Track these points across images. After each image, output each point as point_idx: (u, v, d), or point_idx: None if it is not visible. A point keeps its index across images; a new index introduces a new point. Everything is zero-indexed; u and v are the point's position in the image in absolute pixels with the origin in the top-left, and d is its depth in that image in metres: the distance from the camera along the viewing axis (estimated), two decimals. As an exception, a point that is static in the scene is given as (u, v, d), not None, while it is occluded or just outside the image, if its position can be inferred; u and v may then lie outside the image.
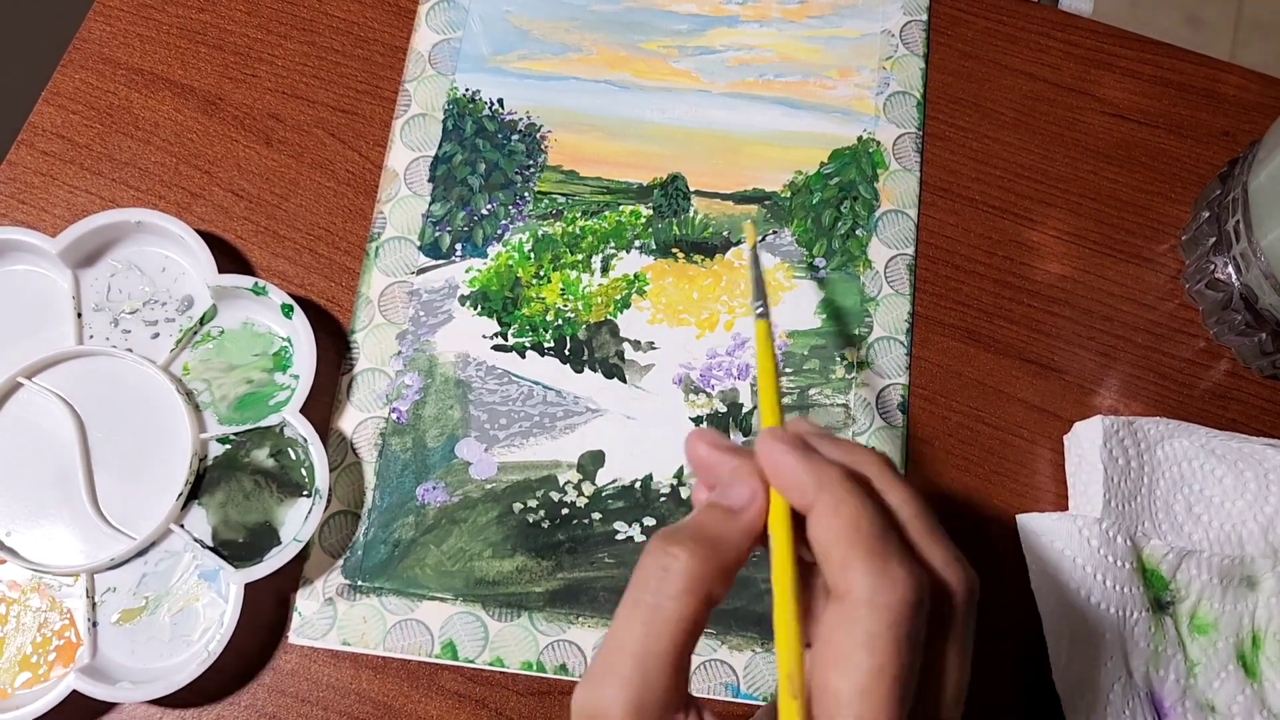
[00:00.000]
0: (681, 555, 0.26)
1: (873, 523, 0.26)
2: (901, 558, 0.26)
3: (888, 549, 0.26)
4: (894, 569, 0.25)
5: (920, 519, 0.28)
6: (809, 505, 0.27)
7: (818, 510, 0.27)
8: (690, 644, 0.26)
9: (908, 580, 0.25)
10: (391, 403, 0.45)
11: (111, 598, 0.41)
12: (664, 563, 0.26)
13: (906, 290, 0.48)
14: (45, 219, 0.47)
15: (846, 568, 0.26)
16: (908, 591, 0.25)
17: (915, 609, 0.25)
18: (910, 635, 0.25)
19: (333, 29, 0.51)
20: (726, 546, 0.27)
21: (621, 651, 0.26)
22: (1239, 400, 0.47)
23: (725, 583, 0.27)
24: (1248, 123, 0.51)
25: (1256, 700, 0.41)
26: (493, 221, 0.48)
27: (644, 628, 0.26)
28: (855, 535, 0.26)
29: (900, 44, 0.51)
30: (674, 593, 0.26)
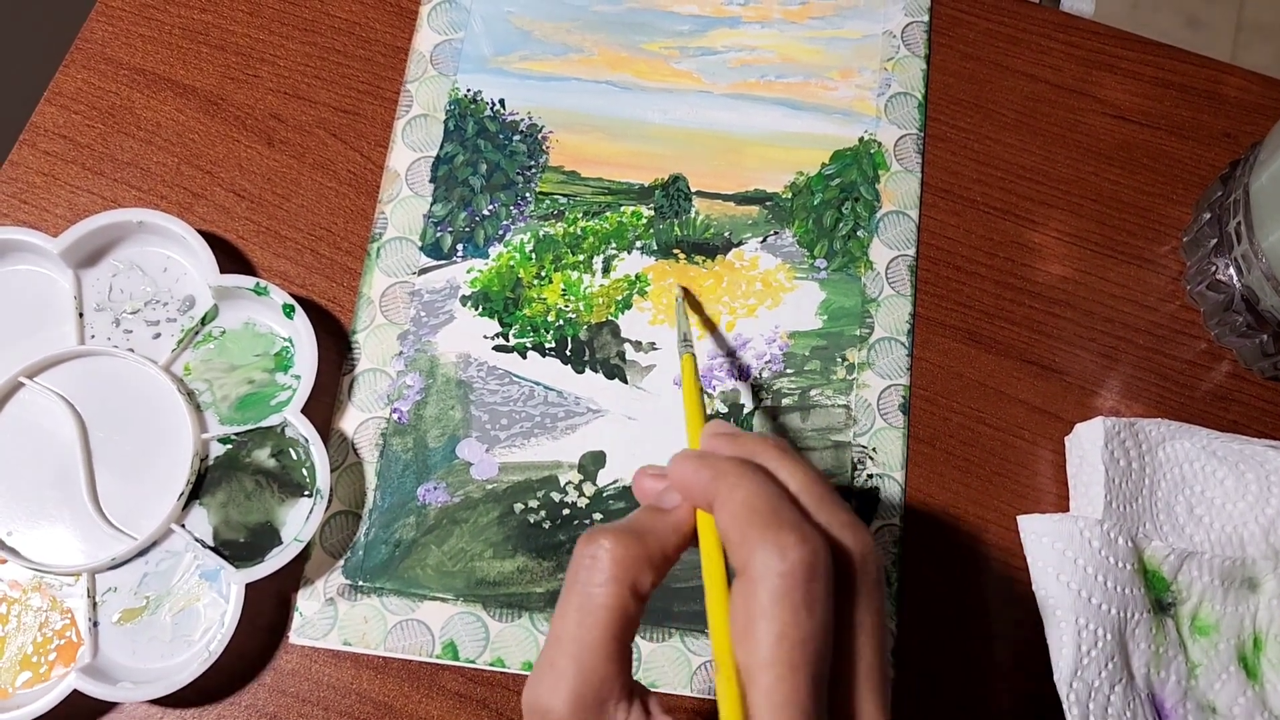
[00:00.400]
0: (606, 543, 0.28)
1: (765, 499, 0.27)
2: (794, 526, 0.26)
3: (780, 521, 0.26)
4: (785, 537, 0.26)
5: (811, 488, 0.29)
6: (711, 501, 0.28)
7: (718, 502, 0.28)
8: (625, 632, 0.27)
9: (799, 546, 0.26)
10: (393, 403, 0.45)
11: (112, 597, 0.41)
12: (590, 551, 0.28)
13: (908, 291, 0.48)
14: (47, 219, 0.47)
15: (743, 544, 0.26)
16: (800, 555, 0.26)
17: (810, 572, 0.26)
18: (807, 599, 0.25)
19: (334, 29, 0.51)
20: (652, 539, 0.28)
21: (558, 643, 0.27)
22: (1240, 402, 0.47)
23: (654, 572, 0.28)
24: (1249, 124, 0.51)
25: (1258, 702, 0.41)
26: (494, 222, 0.48)
27: (576, 617, 0.27)
28: (749, 514, 0.27)
29: (902, 45, 0.51)
30: (602, 580, 0.27)
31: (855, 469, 0.45)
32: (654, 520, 0.29)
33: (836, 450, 0.45)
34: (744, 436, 0.31)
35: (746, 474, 0.28)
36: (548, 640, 0.28)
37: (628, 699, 0.27)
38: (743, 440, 0.31)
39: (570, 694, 0.26)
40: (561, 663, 0.27)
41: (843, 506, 0.29)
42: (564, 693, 0.26)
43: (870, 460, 0.45)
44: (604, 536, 0.28)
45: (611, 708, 0.27)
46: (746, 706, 0.25)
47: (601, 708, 0.26)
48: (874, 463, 0.45)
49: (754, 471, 0.28)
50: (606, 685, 0.27)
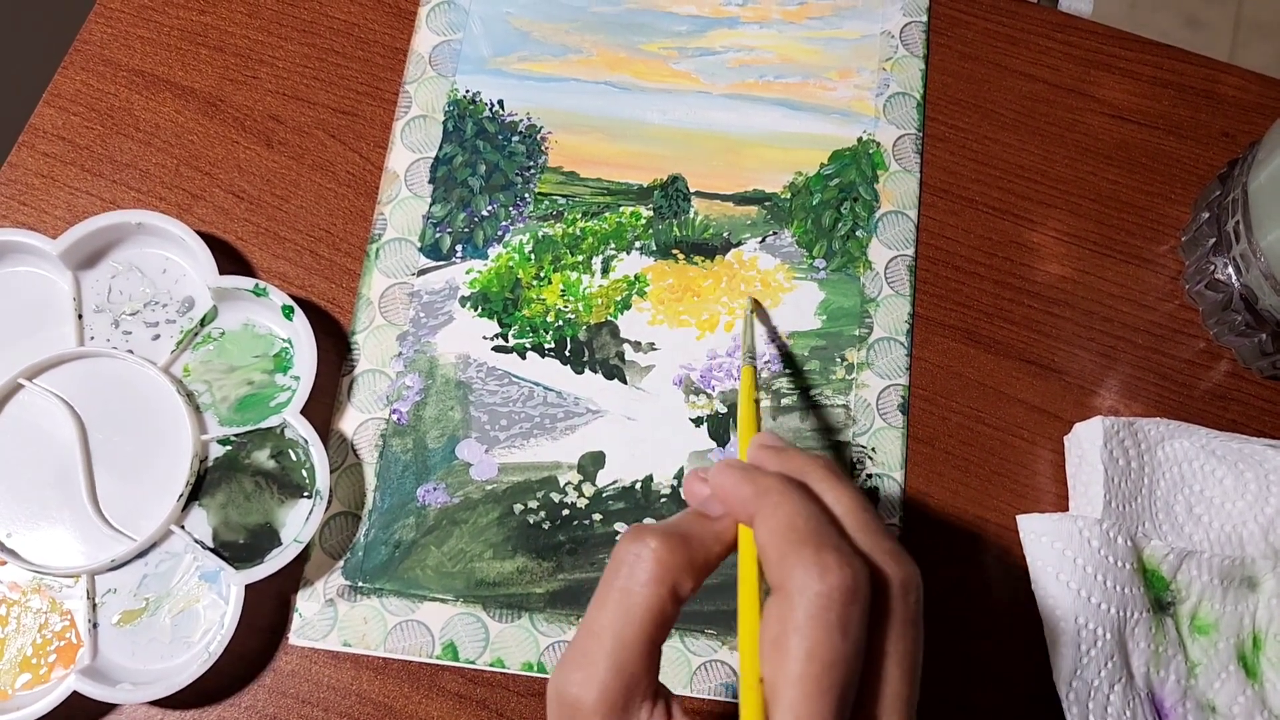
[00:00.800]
0: (652, 543, 0.27)
1: (808, 519, 0.27)
2: (835, 548, 0.26)
3: (822, 541, 0.26)
4: (826, 558, 0.26)
5: (857, 513, 0.29)
6: (752, 516, 0.28)
7: (759, 517, 0.28)
8: (660, 633, 0.27)
9: (840, 569, 0.26)
10: (392, 404, 0.45)
11: (112, 599, 0.41)
12: (635, 550, 0.28)
13: (907, 291, 0.48)
14: (46, 220, 0.47)
15: (782, 562, 0.26)
16: (840, 579, 0.26)
17: (848, 596, 0.26)
18: (842, 621, 0.25)
19: (333, 31, 0.51)
20: (697, 544, 0.28)
21: (594, 637, 0.27)
22: (1239, 401, 0.47)
23: (694, 577, 0.28)
24: (1247, 124, 0.51)
25: (1257, 701, 0.41)
26: (493, 223, 0.48)
27: (615, 613, 0.27)
28: (790, 532, 0.27)
29: (900, 45, 0.52)
30: (644, 580, 0.27)
31: (854, 469, 0.45)
32: (699, 526, 0.29)
33: (836, 450, 0.45)
34: (792, 452, 0.31)
35: (790, 492, 0.28)
36: (582, 631, 0.27)
37: (653, 699, 0.27)
38: (790, 456, 0.31)
39: (601, 688, 0.26)
40: (596, 656, 0.27)
41: (887, 534, 0.29)
42: (595, 687, 0.26)
43: (869, 460, 0.45)
44: (651, 536, 0.28)
45: (637, 706, 0.27)
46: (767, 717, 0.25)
47: (629, 705, 0.26)
48: (873, 462, 0.45)
49: (798, 490, 0.28)
50: (636, 683, 0.27)
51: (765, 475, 0.29)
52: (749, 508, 0.28)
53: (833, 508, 0.29)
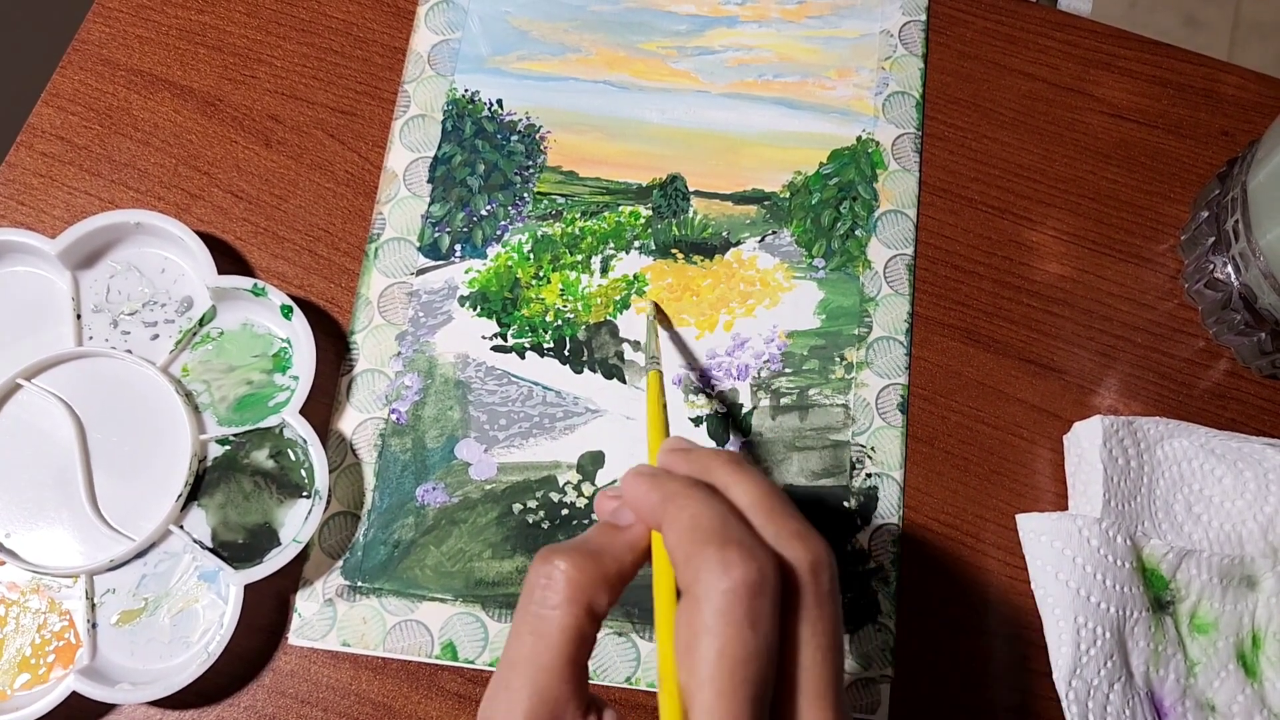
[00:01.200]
0: (561, 564, 0.27)
1: (710, 518, 0.27)
2: (738, 543, 0.26)
3: (726, 537, 0.26)
4: (729, 554, 0.25)
5: (762, 502, 0.28)
6: (660, 521, 0.28)
7: (665, 522, 0.27)
8: (581, 652, 0.27)
9: (743, 563, 0.25)
10: (391, 404, 0.45)
11: (111, 599, 0.41)
12: (545, 572, 0.27)
13: (906, 290, 0.48)
14: (44, 220, 0.47)
15: (688, 563, 0.26)
16: (743, 573, 0.25)
17: (754, 589, 0.25)
18: (750, 616, 0.25)
19: (332, 30, 0.51)
20: (608, 558, 0.28)
21: (513, 666, 0.27)
22: (1238, 400, 0.47)
23: (609, 592, 0.28)
24: (1246, 123, 0.51)
25: (1256, 700, 0.41)
26: (492, 222, 0.48)
27: (530, 639, 0.27)
28: (695, 532, 0.26)
29: (899, 44, 0.51)
30: (556, 602, 0.27)
31: (854, 468, 0.45)
32: (609, 538, 0.29)
33: (835, 449, 0.45)
34: (698, 452, 0.31)
35: (694, 493, 0.28)
36: (502, 661, 0.27)
37: (583, 714, 0.27)
38: (696, 456, 0.30)
39: (525, 714, 0.26)
40: (516, 684, 0.26)
41: (794, 516, 0.28)
42: (519, 714, 0.26)
43: (869, 459, 0.45)
44: (559, 557, 0.27)
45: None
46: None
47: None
48: (872, 462, 0.45)
49: (702, 490, 0.28)
50: (561, 705, 0.26)
51: (671, 479, 0.28)
52: (657, 514, 0.28)
53: (738, 500, 0.28)
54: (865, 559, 0.43)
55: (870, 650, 0.42)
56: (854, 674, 0.42)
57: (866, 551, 0.43)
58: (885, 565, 0.43)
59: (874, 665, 0.42)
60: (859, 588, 0.43)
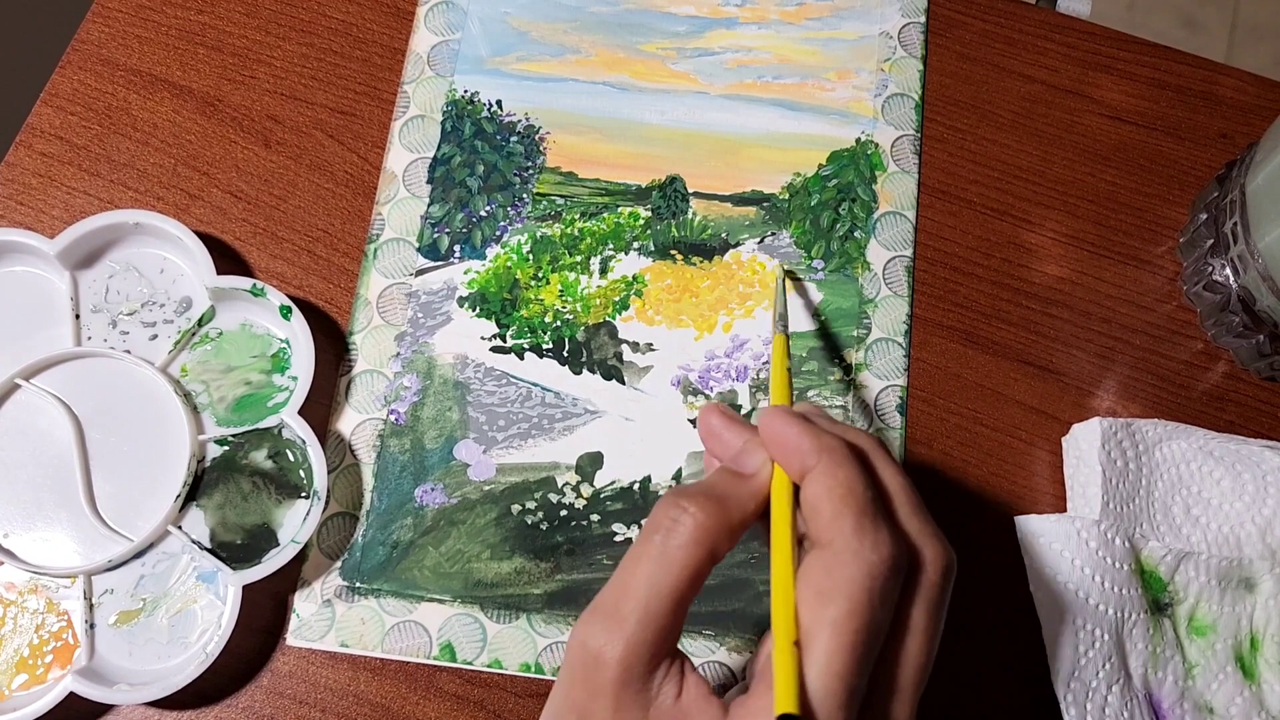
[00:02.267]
0: (691, 508, 0.28)
1: (865, 489, 0.28)
2: (887, 525, 0.27)
3: (876, 512, 0.27)
4: (880, 531, 0.27)
5: (907, 495, 0.30)
6: (808, 469, 0.28)
7: (816, 472, 0.28)
8: (691, 593, 0.28)
9: (889, 543, 0.27)
10: (390, 404, 0.45)
11: (109, 599, 0.41)
12: (674, 514, 0.28)
13: (905, 292, 0.48)
14: (43, 220, 0.47)
15: (836, 519, 0.27)
16: (888, 553, 0.27)
17: (892, 571, 0.27)
18: (883, 592, 0.26)
19: (331, 31, 0.51)
20: (734, 506, 0.29)
21: (626, 591, 0.27)
22: (1237, 402, 0.47)
23: (730, 540, 0.28)
24: (1245, 125, 0.51)
25: (1254, 702, 0.41)
26: (491, 223, 0.48)
27: (651, 571, 0.27)
28: (848, 495, 0.27)
29: (898, 46, 0.52)
30: (682, 542, 0.27)
31: (853, 470, 0.45)
32: (735, 486, 0.29)
33: (834, 451, 0.45)
34: (844, 425, 0.32)
35: (851, 457, 0.28)
36: (613, 584, 0.28)
37: (671, 658, 0.28)
38: (845, 428, 0.31)
39: (627, 644, 0.27)
40: (626, 609, 0.27)
41: (931, 519, 0.30)
42: (622, 642, 0.27)
43: (867, 461, 0.45)
44: (689, 500, 0.28)
45: (656, 662, 0.27)
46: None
47: (651, 660, 0.27)
48: (871, 463, 0.45)
49: (856, 458, 0.29)
50: (662, 639, 0.27)
51: (826, 435, 0.29)
52: (807, 461, 0.28)
53: (885, 485, 0.30)
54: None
55: (869, 652, 0.42)
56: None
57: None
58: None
59: (872, 667, 0.42)
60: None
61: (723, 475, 0.30)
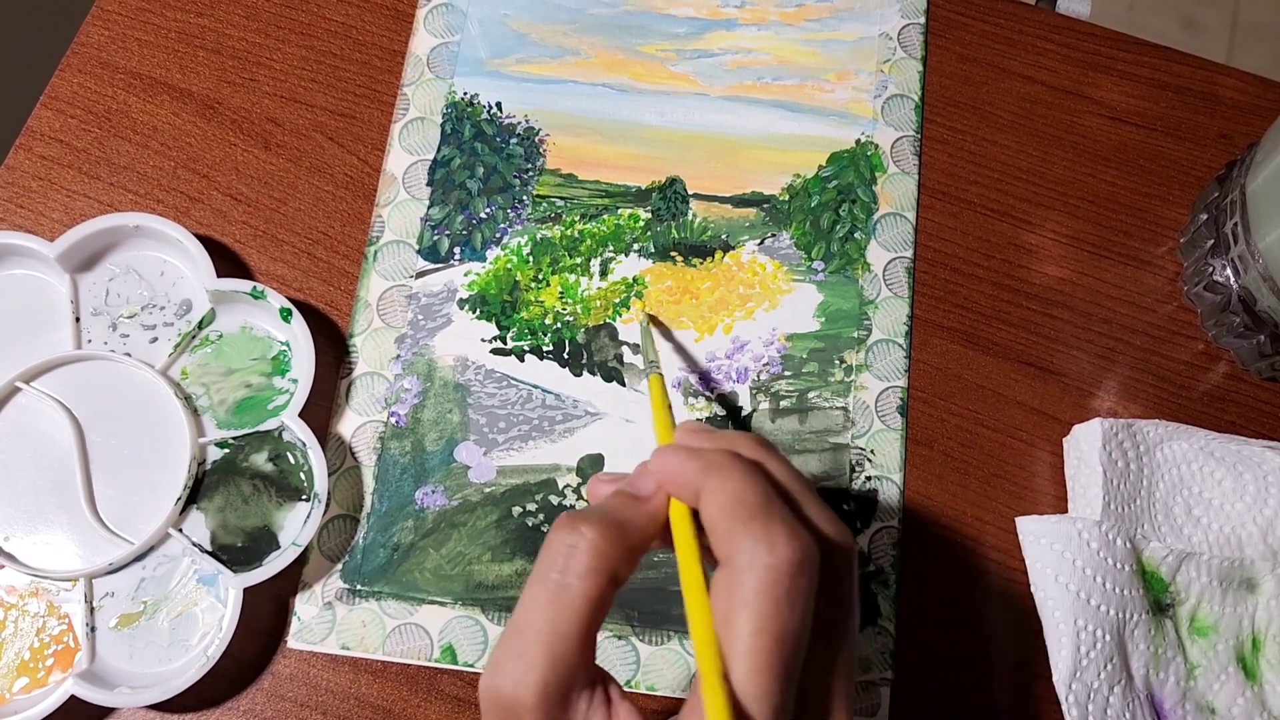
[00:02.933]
0: (589, 533, 0.27)
1: (755, 492, 0.27)
2: (783, 520, 0.26)
3: (770, 514, 0.26)
4: (774, 531, 0.26)
5: (796, 482, 0.29)
6: (698, 491, 0.27)
7: (705, 492, 0.27)
8: (597, 622, 0.27)
9: (788, 541, 0.26)
10: (390, 406, 0.45)
11: (110, 602, 0.41)
12: (571, 540, 0.27)
13: (905, 293, 0.48)
14: (43, 223, 0.47)
15: (730, 537, 0.26)
16: (788, 552, 0.25)
17: (797, 569, 0.25)
18: (790, 595, 0.25)
19: (331, 33, 0.51)
20: (632, 529, 0.28)
21: (529, 631, 0.26)
22: (1238, 403, 0.47)
23: (630, 563, 0.27)
24: (1245, 125, 0.51)
25: (1256, 702, 0.41)
26: (491, 225, 0.48)
27: (551, 607, 0.26)
28: (738, 506, 0.26)
29: (898, 47, 0.52)
30: (582, 571, 0.26)
31: (853, 471, 0.45)
32: (633, 509, 0.28)
33: (834, 452, 0.45)
34: (722, 433, 0.31)
35: (736, 466, 0.27)
36: (513, 626, 0.27)
37: (590, 687, 0.27)
38: (723, 435, 0.30)
39: (539, 683, 0.26)
40: (531, 651, 0.26)
41: (824, 503, 0.29)
42: (533, 683, 0.26)
43: (868, 462, 0.45)
44: (585, 524, 0.27)
45: (575, 696, 0.26)
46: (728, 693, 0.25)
47: (567, 697, 0.26)
48: (872, 465, 0.45)
49: (743, 464, 0.28)
50: (574, 675, 0.26)
51: (708, 451, 0.28)
52: (695, 484, 0.28)
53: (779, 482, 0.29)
54: (865, 562, 0.43)
55: (870, 653, 0.42)
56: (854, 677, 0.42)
57: (866, 554, 0.43)
58: (885, 568, 0.43)
59: (874, 668, 0.42)
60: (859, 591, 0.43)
61: (618, 498, 0.29)
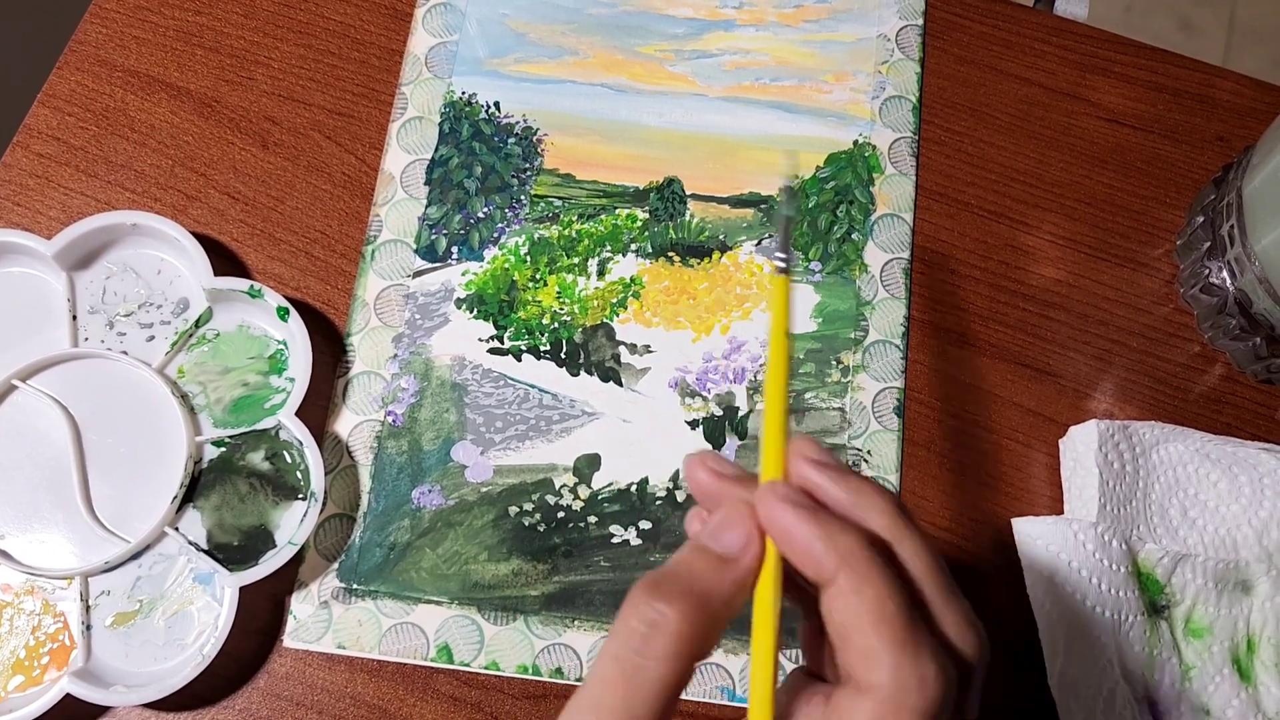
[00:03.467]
0: (670, 614, 0.24)
1: (899, 606, 0.24)
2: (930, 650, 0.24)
3: (917, 638, 0.24)
4: (923, 666, 0.23)
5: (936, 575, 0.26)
6: (827, 580, 0.25)
7: (838, 587, 0.24)
8: (673, 704, 0.25)
9: (937, 678, 0.24)
10: (387, 406, 0.45)
11: (106, 601, 0.41)
12: (650, 619, 0.24)
13: (902, 294, 0.48)
14: (41, 221, 0.47)
15: (870, 658, 0.24)
16: (936, 690, 0.23)
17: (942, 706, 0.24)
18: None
19: (329, 32, 0.51)
20: (717, 601, 0.25)
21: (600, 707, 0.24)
22: (1233, 404, 0.47)
23: (713, 640, 0.25)
24: (1241, 128, 0.51)
25: (1251, 704, 0.41)
26: (489, 225, 0.48)
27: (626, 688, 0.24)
28: (880, 621, 0.24)
29: (896, 49, 0.52)
30: (660, 655, 0.24)
31: (850, 472, 0.45)
32: (717, 576, 0.25)
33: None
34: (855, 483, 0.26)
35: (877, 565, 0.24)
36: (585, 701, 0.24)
37: None
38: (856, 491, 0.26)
39: None
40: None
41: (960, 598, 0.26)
42: None
43: (865, 463, 0.45)
44: (664, 602, 0.24)
45: None
46: None
47: None
48: (868, 465, 0.45)
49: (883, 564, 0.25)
50: None
51: (843, 534, 0.25)
52: (823, 571, 0.25)
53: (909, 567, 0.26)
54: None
55: (866, 654, 0.42)
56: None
57: (862, 555, 0.43)
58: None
59: (869, 669, 0.42)
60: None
61: (702, 560, 0.26)
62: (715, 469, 0.28)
